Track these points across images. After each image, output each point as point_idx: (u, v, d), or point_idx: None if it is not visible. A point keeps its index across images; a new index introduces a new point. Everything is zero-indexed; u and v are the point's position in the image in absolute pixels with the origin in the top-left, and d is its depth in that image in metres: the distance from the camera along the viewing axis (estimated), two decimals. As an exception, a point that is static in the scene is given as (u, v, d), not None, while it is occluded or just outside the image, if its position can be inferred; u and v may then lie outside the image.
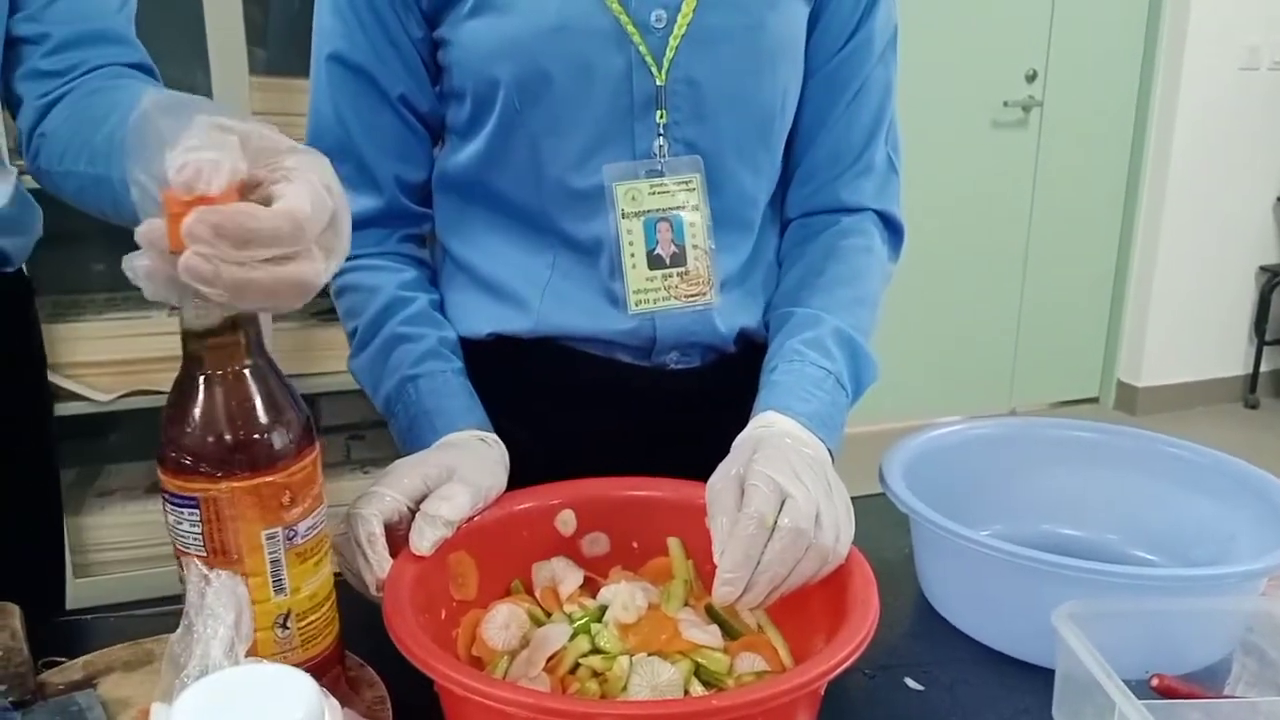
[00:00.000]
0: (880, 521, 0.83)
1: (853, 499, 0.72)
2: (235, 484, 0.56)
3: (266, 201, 0.53)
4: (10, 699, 0.65)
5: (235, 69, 1.91)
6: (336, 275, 0.89)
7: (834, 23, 0.88)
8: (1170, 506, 0.90)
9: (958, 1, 3.42)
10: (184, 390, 0.57)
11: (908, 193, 0.98)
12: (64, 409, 1.85)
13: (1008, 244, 3.80)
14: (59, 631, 0.78)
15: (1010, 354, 3.94)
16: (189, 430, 0.56)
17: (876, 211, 0.94)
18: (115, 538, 2.03)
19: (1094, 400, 4.13)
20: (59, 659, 0.72)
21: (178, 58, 1.86)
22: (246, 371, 0.57)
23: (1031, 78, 3.62)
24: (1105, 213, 3.90)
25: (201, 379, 0.56)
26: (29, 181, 0.90)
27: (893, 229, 0.96)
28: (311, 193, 0.53)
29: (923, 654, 0.78)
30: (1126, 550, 0.91)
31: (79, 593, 0.97)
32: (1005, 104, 3.61)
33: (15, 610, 0.71)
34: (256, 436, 0.56)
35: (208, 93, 1.91)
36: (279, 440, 0.57)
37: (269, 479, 0.56)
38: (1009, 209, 3.76)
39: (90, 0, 0.84)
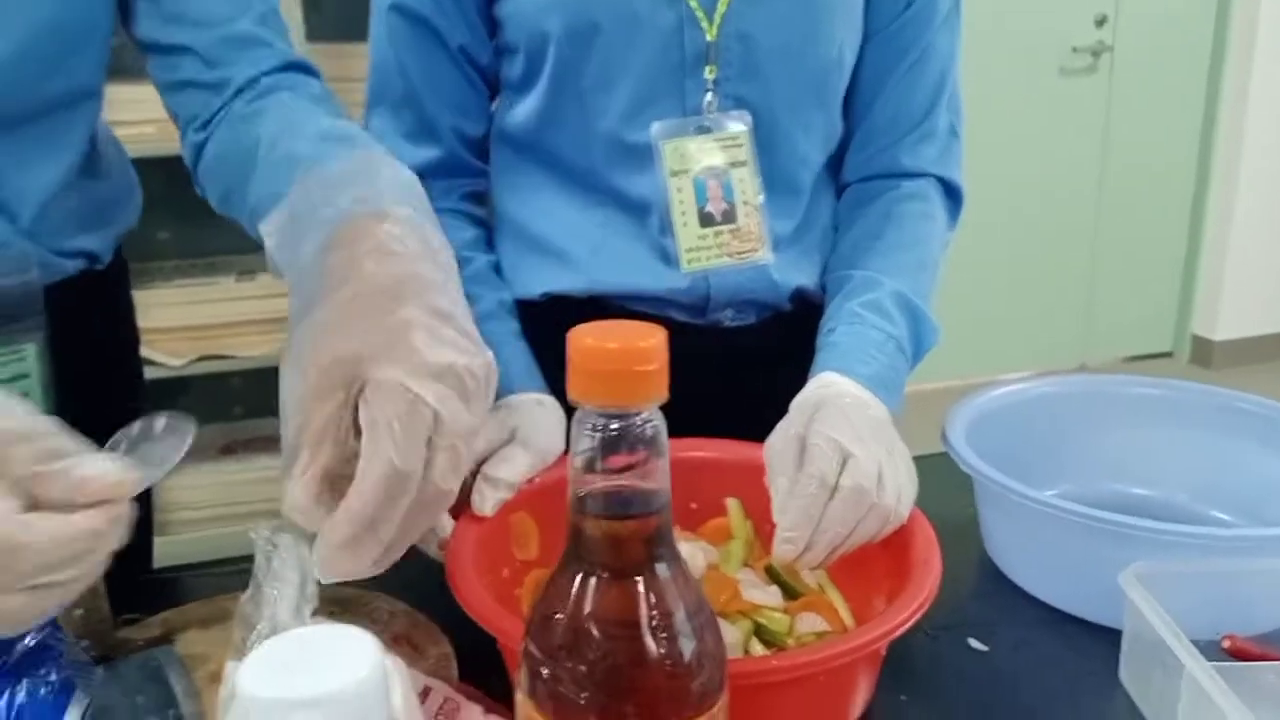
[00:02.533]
0: (943, 481, 0.82)
1: (915, 459, 0.72)
2: None
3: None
4: (91, 654, 0.67)
5: (291, 36, 1.92)
6: None
7: None
8: (1244, 465, 0.88)
9: (1024, -58, 3.31)
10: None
11: (972, 141, 0.96)
12: (137, 374, 1.91)
13: (1078, 193, 3.70)
14: (138, 589, 0.81)
15: (1081, 307, 3.85)
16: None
17: (938, 178, 0.93)
18: (190, 499, 2.10)
19: (1168, 355, 4.03)
20: (137, 616, 0.74)
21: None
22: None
23: (1101, 22, 3.50)
24: (1179, 160, 3.77)
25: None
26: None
27: (953, 196, 0.94)
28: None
29: (986, 615, 0.77)
30: (1198, 510, 0.89)
31: (157, 552, 0.99)
32: (1074, 49, 3.50)
33: (97, 570, 0.73)
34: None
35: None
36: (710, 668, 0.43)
37: None
38: (1079, 158, 3.66)
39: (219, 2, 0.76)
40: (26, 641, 0.54)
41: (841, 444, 0.66)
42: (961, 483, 0.84)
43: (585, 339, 0.41)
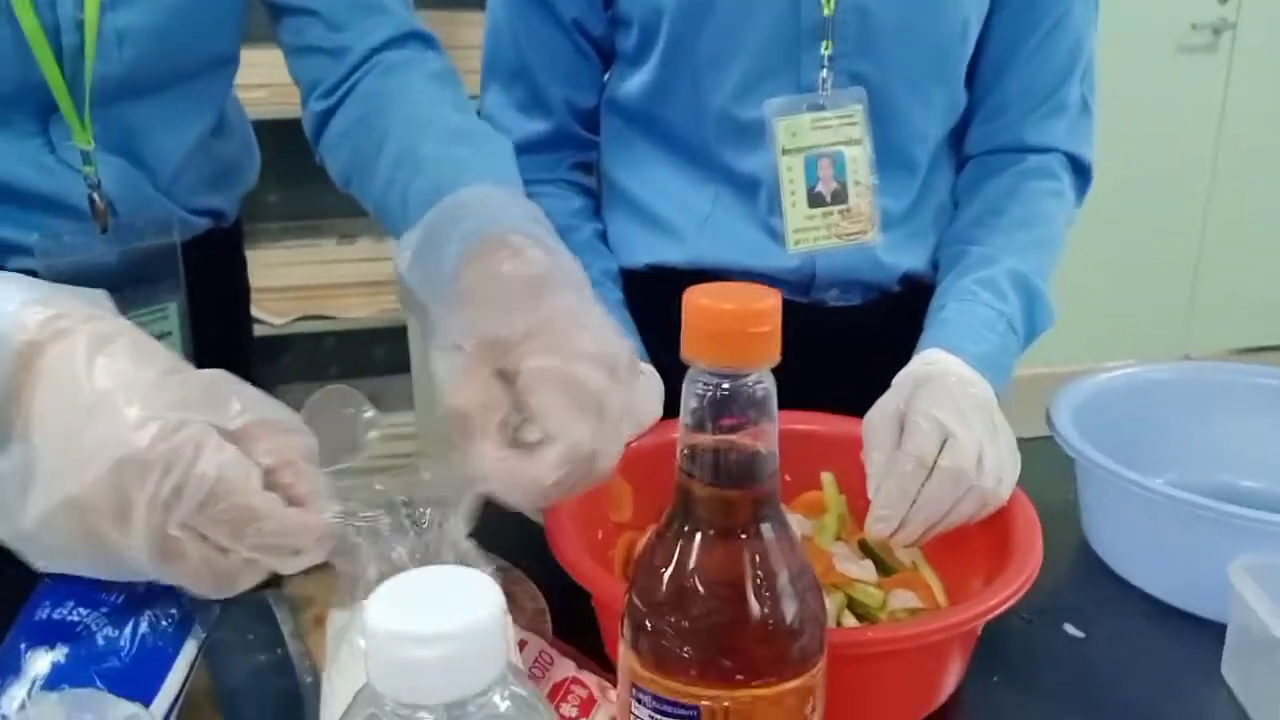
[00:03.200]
0: (1044, 465, 0.81)
1: (1017, 440, 0.70)
2: (760, 691, 0.42)
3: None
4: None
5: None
6: None
7: None
8: (1363, 460, 0.84)
9: (1142, -88, 3.18)
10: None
11: (1082, 119, 0.92)
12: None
13: (1189, 178, 3.55)
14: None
15: (1186, 296, 3.71)
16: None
17: (1066, 153, 0.90)
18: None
19: (1277, 348, 3.86)
20: (249, 558, 0.77)
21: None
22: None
23: (1224, -1, 3.35)
24: (1300, 145, 3.59)
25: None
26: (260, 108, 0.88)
27: (1082, 173, 0.92)
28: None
29: (1084, 601, 0.75)
30: (1311, 505, 0.86)
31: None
32: (1193, 26, 3.35)
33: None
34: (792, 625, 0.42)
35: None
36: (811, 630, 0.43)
37: (797, 683, 0.43)
38: (1193, 140, 3.51)
39: None
40: (150, 575, 0.57)
41: (943, 422, 0.65)
42: (1062, 467, 0.82)
43: (701, 299, 0.41)
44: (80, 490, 0.45)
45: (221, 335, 0.94)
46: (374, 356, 2.37)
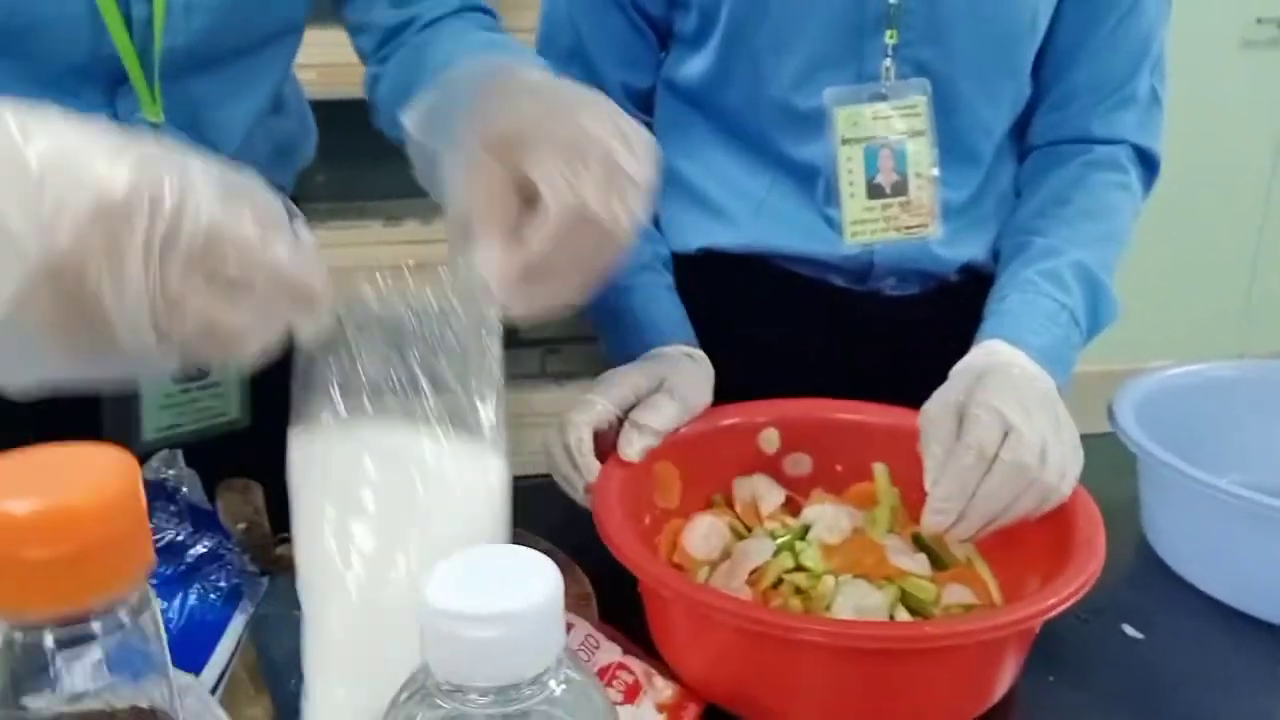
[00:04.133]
0: (1103, 462, 0.78)
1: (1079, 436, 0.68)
2: None
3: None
4: (250, 568, 0.71)
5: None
6: None
7: None
8: None
9: (1209, -98, 3.10)
10: None
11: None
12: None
13: (1250, 175, 3.47)
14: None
15: (1244, 296, 3.63)
16: None
17: (1135, 145, 0.87)
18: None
19: (1334, 351, 3.77)
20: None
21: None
22: None
23: (1291, -9, 3.26)
24: (1365, 144, 3.50)
25: None
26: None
27: (1149, 166, 0.89)
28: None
29: (1144, 602, 0.73)
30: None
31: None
32: (1259, 20, 3.27)
33: (258, 488, 0.76)
34: None
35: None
36: None
37: None
38: (1255, 137, 3.42)
39: None
40: (200, 549, 0.57)
41: (1005, 415, 0.63)
42: (1123, 465, 0.80)
43: None
44: (54, 255, 0.39)
45: None
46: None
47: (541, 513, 0.77)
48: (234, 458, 0.71)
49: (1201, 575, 0.75)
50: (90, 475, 0.29)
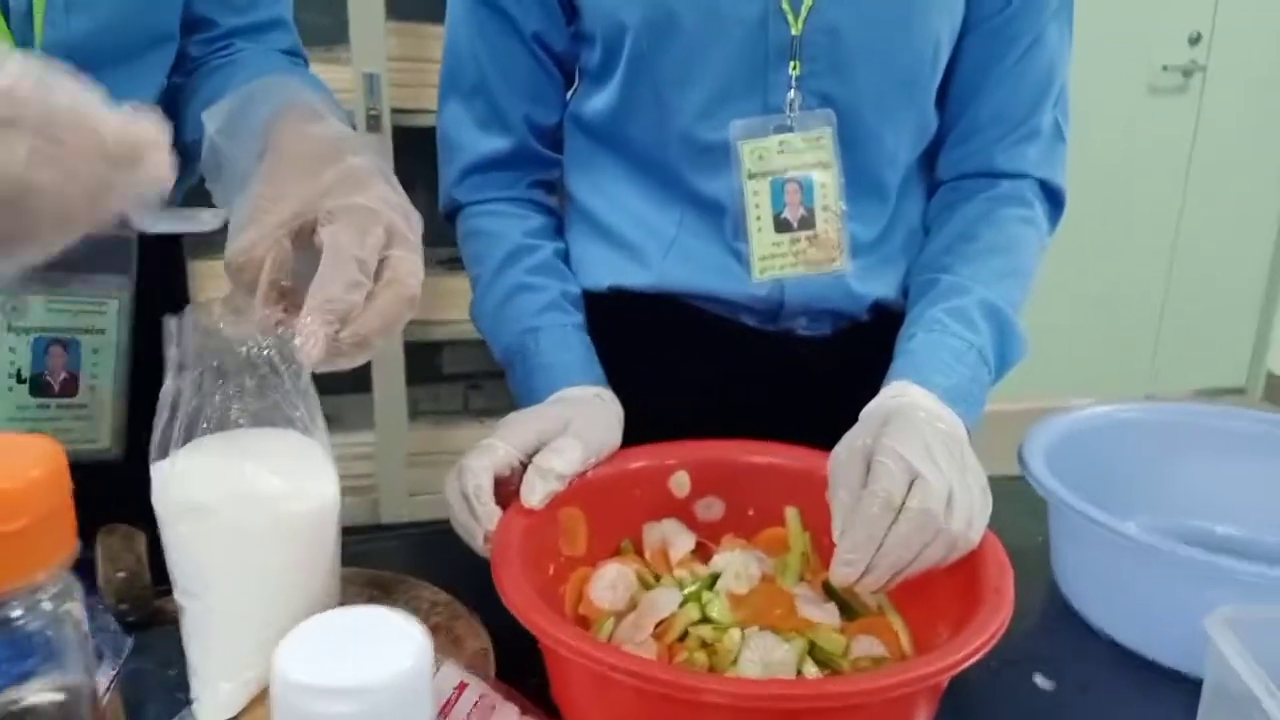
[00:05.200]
0: (1013, 506, 0.78)
1: (988, 478, 0.68)
2: None
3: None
4: (129, 619, 0.66)
5: (373, 14, 1.93)
6: (464, 219, 0.88)
7: None
8: (1340, 508, 0.82)
9: (1117, -46, 3.21)
10: None
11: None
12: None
13: (1158, 218, 3.58)
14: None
15: (1152, 336, 3.73)
16: None
17: (1039, 180, 0.88)
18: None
19: (1240, 391, 3.89)
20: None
21: (318, 2, 1.89)
22: None
23: (1195, 40, 3.38)
24: (1266, 189, 3.64)
25: None
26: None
27: (1054, 200, 0.89)
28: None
29: (1054, 650, 0.73)
30: (1288, 553, 0.84)
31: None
32: (1164, 68, 3.39)
33: (142, 537, 0.72)
34: None
35: (345, 37, 1.93)
36: None
37: None
38: (1162, 181, 3.54)
39: None
40: (58, 606, 0.53)
41: (910, 462, 0.62)
42: (1032, 508, 0.79)
43: None
44: None
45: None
46: (336, 373, 2.32)
47: (440, 560, 0.74)
48: (111, 498, 0.67)
49: (1112, 622, 0.75)
50: (15, 462, 0.32)
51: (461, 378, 2.44)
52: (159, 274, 0.89)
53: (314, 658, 0.30)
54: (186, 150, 0.84)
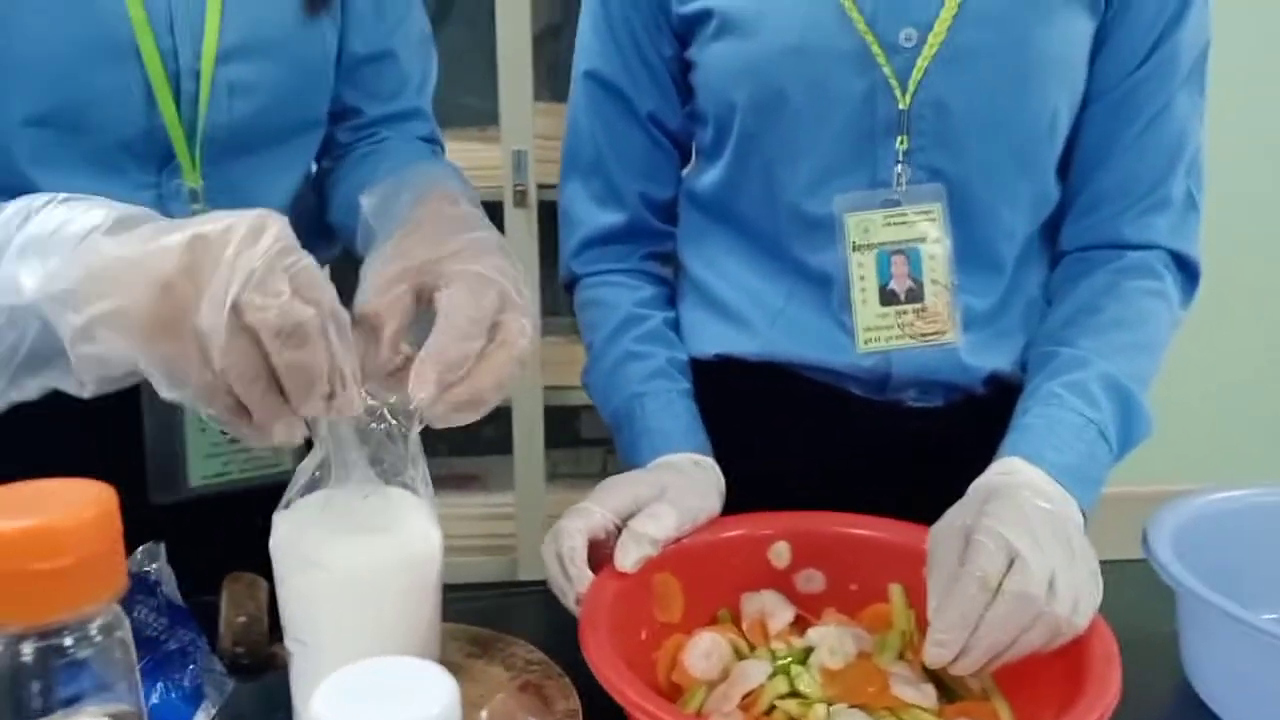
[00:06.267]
0: (1142, 591, 0.74)
1: (1111, 563, 0.64)
2: None
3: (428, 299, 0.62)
4: (244, 662, 0.70)
5: (521, 95, 2.02)
6: (580, 290, 0.92)
7: (1129, 39, 0.79)
8: None
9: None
10: None
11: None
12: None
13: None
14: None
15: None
16: None
17: (1170, 251, 0.84)
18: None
19: None
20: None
21: (470, 84, 1.99)
22: None
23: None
24: None
25: None
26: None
27: (1188, 272, 0.85)
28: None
29: (1181, 747, 0.68)
30: None
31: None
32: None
33: (264, 584, 0.76)
34: None
35: (494, 118, 2.03)
36: None
37: None
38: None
39: (404, 77, 0.91)
40: (171, 645, 0.57)
41: (1010, 541, 0.59)
42: (1161, 594, 0.74)
43: None
44: (159, 270, 0.49)
45: None
46: (480, 436, 2.39)
47: (534, 620, 0.75)
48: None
49: (1244, 718, 0.69)
50: (71, 502, 0.35)
51: (599, 442, 2.47)
52: None
53: (347, 702, 0.32)
54: (332, 229, 0.91)
